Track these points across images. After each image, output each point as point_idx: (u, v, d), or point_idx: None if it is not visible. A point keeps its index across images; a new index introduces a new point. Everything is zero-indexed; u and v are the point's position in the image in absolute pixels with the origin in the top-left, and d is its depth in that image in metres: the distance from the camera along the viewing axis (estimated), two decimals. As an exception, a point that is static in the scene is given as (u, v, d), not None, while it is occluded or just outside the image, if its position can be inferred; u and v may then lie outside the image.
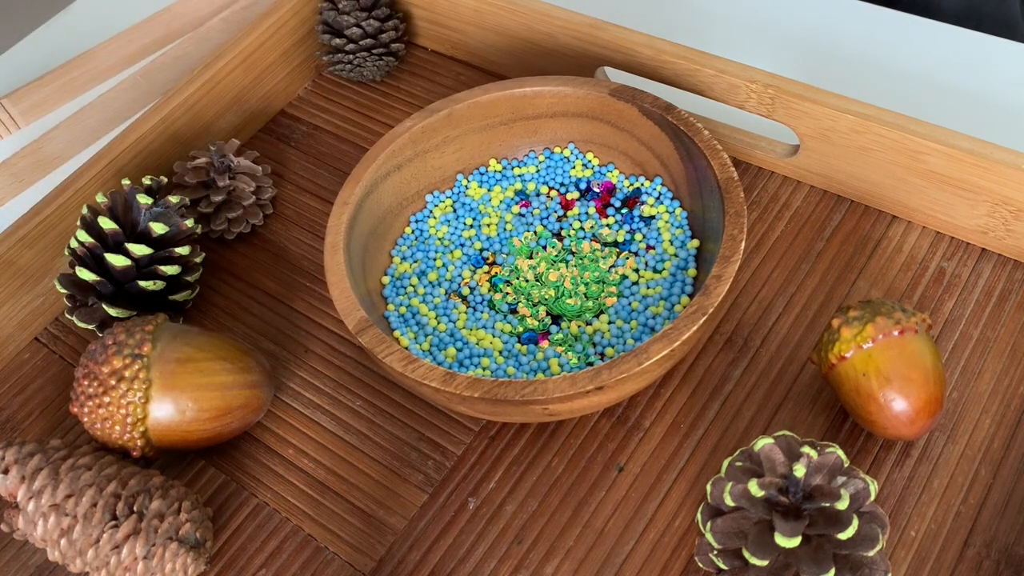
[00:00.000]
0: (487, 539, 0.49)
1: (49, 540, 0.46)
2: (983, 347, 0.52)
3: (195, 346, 0.50)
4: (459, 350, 0.52)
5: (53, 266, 0.59)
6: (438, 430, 0.53)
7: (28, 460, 0.47)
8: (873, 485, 0.43)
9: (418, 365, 0.46)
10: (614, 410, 0.52)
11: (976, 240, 0.55)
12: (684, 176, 0.55)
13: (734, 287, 0.56)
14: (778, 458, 0.43)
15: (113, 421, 0.48)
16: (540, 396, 0.44)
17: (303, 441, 0.53)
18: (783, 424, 0.51)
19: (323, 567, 0.49)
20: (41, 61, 0.77)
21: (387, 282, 0.56)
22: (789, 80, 0.56)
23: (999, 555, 0.45)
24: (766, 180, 0.60)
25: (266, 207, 0.64)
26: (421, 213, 0.59)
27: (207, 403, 0.50)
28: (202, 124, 0.65)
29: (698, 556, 0.44)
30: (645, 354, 0.45)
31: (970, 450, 0.49)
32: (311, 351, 0.57)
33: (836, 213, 0.58)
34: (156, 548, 0.46)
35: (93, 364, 0.49)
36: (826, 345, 0.48)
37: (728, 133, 0.61)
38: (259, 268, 0.61)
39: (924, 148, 0.53)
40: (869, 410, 0.46)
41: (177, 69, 0.76)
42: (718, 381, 0.52)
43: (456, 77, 0.69)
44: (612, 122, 0.57)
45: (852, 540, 0.41)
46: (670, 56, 0.59)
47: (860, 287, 0.55)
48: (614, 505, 0.49)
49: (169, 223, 0.56)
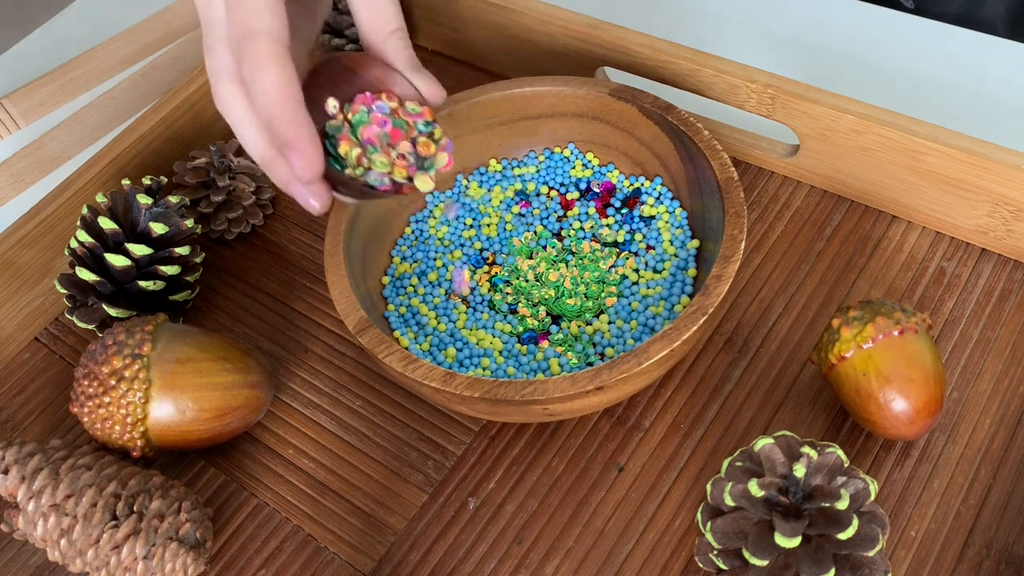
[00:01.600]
0: (487, 539, 0.49)
1: (49, 540, 0.46)
2: (983, 347, 0.52)
3: (195, 346, 0.50)
4: (459, 350, 0.52)
5: (53, 266, 0.59)
6: (438, 430, 0.53)
7: (28, 460, 0.47)
8: (873, 485, 0.43)
9: (418, 365, 0.46)
10: (614, 410, 0.52)
11: (976, 240, 0.55)
12: (684, 176, 0.55)
13: (734, 287, 0.56)
14: (778, 458, 0.43)
15: (113, 421, 0.48)
16: (540, 396, 0.44)
17: (303, 441, 0.53)
18: (783, 424, 0.51)
19: (323, 567, 0.49)
20: (41, 61, 0.77)
21: (387, 282, 0.56)
22: (789, 80, 0.56)
23: (999, 555, 0.45)
24: (766, 180, 0.60)
25: (266, 207, 0.64)
26: (421, 213, 0.59)
27: (207, 403, 0.50)
28: (202, 124, 0.65)
29: (698, 556, 0.44)
30: (645, 354, 0.45)
31: (970, 450, 0.49)
32: (311, 351, 0.57)
33: (836, 213, 0.58)
34: (156, 548, 0.46)
35: (93, 364, 0.49)
36: (826, 345, 0.48)
37: (728, 133, 0.61)
38: (259, 268, 0.61)
39: (924, 148, 0.53)
40: (869, 410, 0.46)
41: (177, 69, 0.76)
42: (718, 381, 0.52)
43: (456, 77, 0.69)
44: (612, 122, 0.57)
45: (852, 540, 0.41)
46: (670, 56, 0.59)
47: (860, 287, 0.55)
48: (614, 505, 0.49)
49: (169, 223, 0.56)
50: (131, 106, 0.74)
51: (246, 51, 0.42)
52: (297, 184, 0.45)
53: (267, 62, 0.42)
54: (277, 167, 0.45)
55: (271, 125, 0.43)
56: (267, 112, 0.42)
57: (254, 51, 0.42)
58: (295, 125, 0.42)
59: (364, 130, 0.45)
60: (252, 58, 0.42)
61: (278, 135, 0.43)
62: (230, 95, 0.44)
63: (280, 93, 0.42)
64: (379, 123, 0.45)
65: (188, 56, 0.76)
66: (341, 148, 0.45)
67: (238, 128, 0.45)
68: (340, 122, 0.46)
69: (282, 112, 0.42)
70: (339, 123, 0.46)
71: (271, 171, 0.45)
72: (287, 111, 0.42)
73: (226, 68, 0.44)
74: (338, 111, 0.46)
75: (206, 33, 0.45)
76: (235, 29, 0.43)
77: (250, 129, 0.44)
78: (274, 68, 0.42)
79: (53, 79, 0.75)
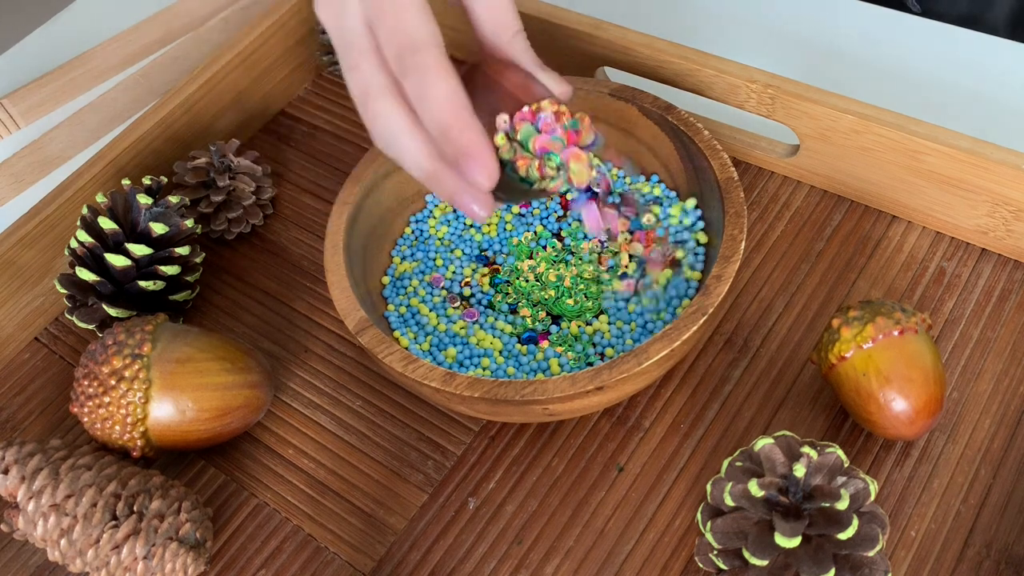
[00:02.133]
0: (487, 539, 0.49)
1: (49, 540, 0.46)
2: (983, 347, 0.52)
3: (195, 346, 0.50)
4: (459, 350, 0.52)
5: (53, 266, 0.59)
6: (438, 430, 0.53)
7: (28, 460, 0.47)
8: (873, 485, 0.43)
9: (418, 365, 0.46)
10: (614, 410, 0.52)
11: (976, 240, 0.55)
12: (684, 176, 0.55)
13: (734, 287, 0.56)
14: (778, 458, 0.43)
15: (113, 421, 0.48)
16: (540, 396, 0.44)
17: (303, 441, 0.53)
18: (783, 424, 0.51)
19: (323, 567, 0.49)
20: (41, 61, 0.77)
21: (387, 282, 0.56)
22: (789, 80, 0.56)
23: (999, 555, 0.45)
24: (766, 180, 0.60)
25: (266, 207, 0.64)
26: (421, 213, 0.59)
27: (207, 403, 0.50)
28: (202, 124, 0.65)
29: (698, 556, 0.44)
30: (645, 354, 0.45)
31: (970, 450, 0.48)
32: (311, 351, 0.57)
33: (836, 213, 0.58)
34: (156, 548, 0.46)
35: (93, 364, 0.49)
36: (826, 345, 0.48)
37: (728, 133, 0.61)
38: (259, 268, 0.61)
39: (924, 148, 0.53)
40: (869, 410, 0.46)
41: (177, 69, 0.75)
42: (718, 381, 0.52)
43: (456, 77, 0.69)
44: (612, 122, 0.57)
45: (852, 540, 0.41)
46: (670, 56, 0.59)
47: (860, 287, 0.55)
48: (614, 505, 0.49)
49: (169, 223, 0.56)
50: (131, 106, 0.74)
51: (411, 63, 0.41)
52: (466, 194, 0.43)
53: (438, 72, 0.41)
54: (445, 178, 0.43)
55: (447, 136, 0.41)
56: (442, 123, 0.41)
57: (422, 62, 0.41)
58: (471, 133, 0.41)
59: (536, 141, 0.45)
60: (420, 70, 0.41)
61: (455, 145, 0.41)
62: (390, 109, 0.43)
63: (454, 103, 0.41)
64: (548, 131, 0.45)
65: (188, 56, 0.76)
66: (521, 169, 0.45)
67: (400, 141, 0.43)
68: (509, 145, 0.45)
69: (457, 122, 0.41)
70: (511, 149, 0.45)
71: (438, 182, 0.43)
72: (463, 120, 0.41)
73: (380, 83, 0.42)
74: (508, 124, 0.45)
75: (345, 49, 0.43)
76: (392, 40, 0.41)
77: (415, 142, 0.43)
78: (445, 78, 0.41)
79: (53, 79, 0.75)
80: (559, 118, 0.45)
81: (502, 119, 0.45)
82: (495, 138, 0.45)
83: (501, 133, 0.45)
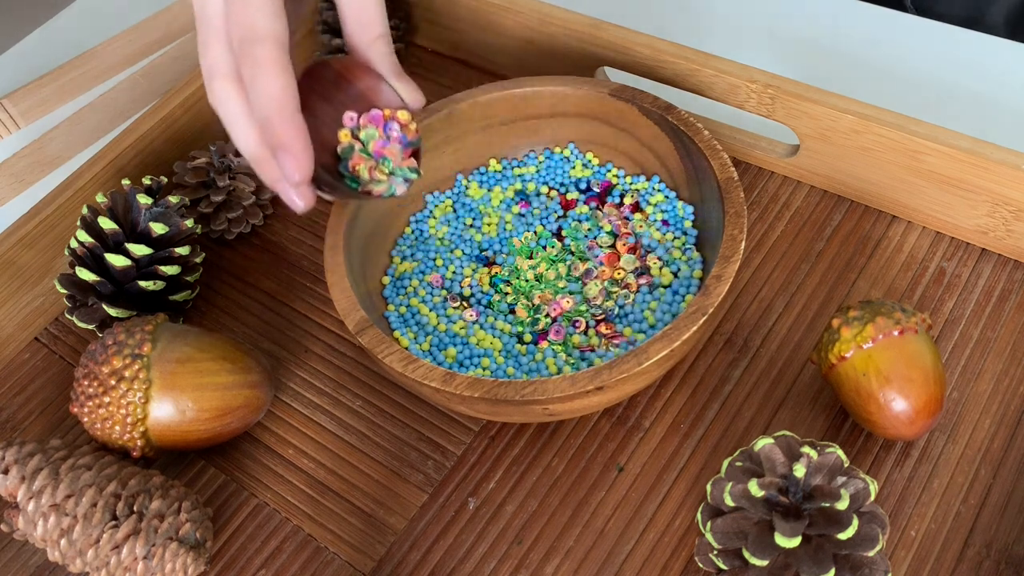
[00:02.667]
0: (487, 539, 0.49)
1: (49, 540, 0.46)
2: (983, 347, 0.52)
3: (195, 346, 0.50)
4: (459, 350, 0.52)
5: (53, 266, 0.59)
6: (438, 430, 0.53)
7: (28, 460, 0.47)
8: (873, 485, 0.43)
9: (418, 365, 0.46)
10: (614, 410, 0.52)
11: (976, 240, 0.55)
12: (684, 176, 0.55)
13: (734, 287, 0.56)
14: (778, 458, 0.43)
15: (113, 421, 0.48)
16: (540, 396, 0.44)
17: (303, 441, 0.53)
18: (783, 424, 0.51)
19: (323, 567, 0.49)
20: (41, 61, 0.77)
21: (387, 282, 0.56)
22: (789, 80, 0.56)
23: (999, 555, 0.45)
24: (766, 180, 0.60)
25: (266, 207, 0.64)
26: (421, 213, 0.59)
27: (207, 403, 0.50)
28: (202, 124, 0.65)
29: (698, 556, 0.44)
30: (645, 354, 0.45)
31: (970, 450, 0.49)
32: (311, 351, 0.57)
33: (836, 213, 0.58)
34: (156, 548, 0.46)
35: (93, 364, 0.49)
36: (826, 345, 0.48)
37: (728, 133, 0.61)
38: (259, 268, 0.61)
39: (924, 148, 0.53)
40: (869, 410, 0.46)
41: (177, 69, 0.76)
42: (718, 381, 0.52)
43: (456, 77, 0.69)
44: (612, 122, 0.57)
45: (852, 540, 0.41)
46: (670, 56, 0.59)
47: (860, 287, 0.55)
48: (614, 505, 0.49)
49: (169, 223, 0.56)
50: (131, 106, 0.74)
51: (249, 52, 0.43)
52: (284, 183, 0.46)
53: (270, 66, 0.43)
54: (266, 166, 0.46)
55: (267, 126, 0.43)
56: (265, 114, 0.43)
57: (258, 54, 0.43)
58: (291, 129, 0.43)
59: (376, 144, 0.48)
60: (255, 61, 0.43)
61: (273, 136, 0.44)
62: (225, 92, 0.45)
63: (280, 97, 0.43)
64: (394, 139, 0.48)
65: (188, 56, 0.76)
66: (355, 167, 0.48)
67: (231, 125, 0.46)
68: (351, 141, 0.48)
69: (280, 116, 0.43)
70: (350, 143, 0.48)
71: (260, 168, 0.46)
72: (285, 115, 0.43)
73: (222, 65, 0.45)
74: (354, 122, 0.48)
75: (201, 27, 0.45)
76: (237, 28, 0.43)
77: (243, 127, 0.45)
78: (276, 73, 0.43)
79: (53, 79, 0.75)
80: (407, 130, 0.49)
81: (349, 116, 0.48)
82: (339, 133, 0.48)
83: (347, 129, 0.48)
